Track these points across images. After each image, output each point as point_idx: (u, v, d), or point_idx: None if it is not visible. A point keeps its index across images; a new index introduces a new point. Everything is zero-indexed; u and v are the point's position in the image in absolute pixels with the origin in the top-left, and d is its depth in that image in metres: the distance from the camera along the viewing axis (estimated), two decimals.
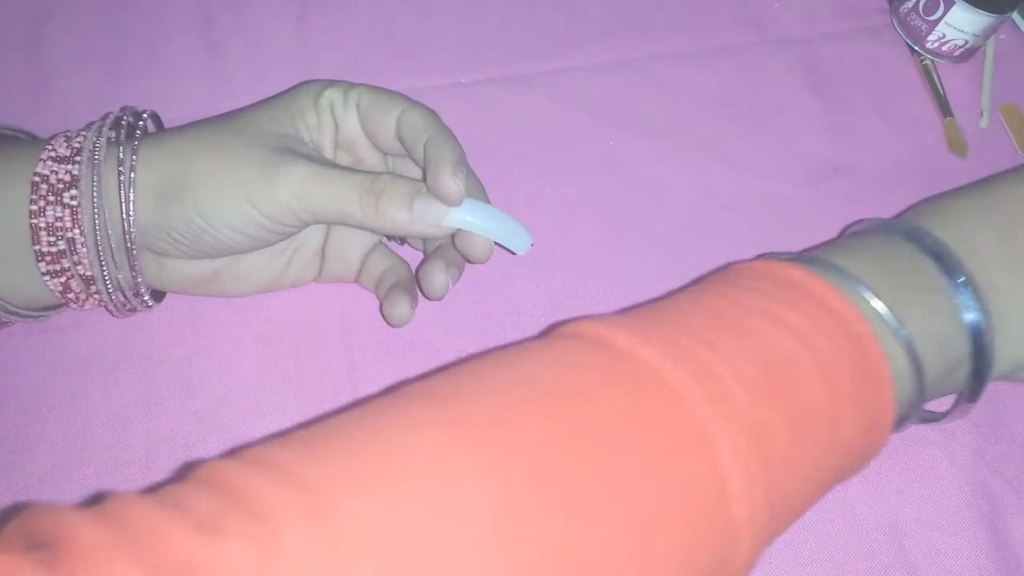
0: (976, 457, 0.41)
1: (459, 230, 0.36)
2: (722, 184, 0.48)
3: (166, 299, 0.42)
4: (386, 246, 0.42)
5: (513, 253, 0.37)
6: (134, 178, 0.34)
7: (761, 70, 0.53)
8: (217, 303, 0.42)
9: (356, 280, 0.42)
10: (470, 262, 0.38)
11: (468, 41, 0.52)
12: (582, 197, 0.47)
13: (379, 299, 0.40)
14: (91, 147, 0.35)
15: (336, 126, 0.38)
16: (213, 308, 0.42)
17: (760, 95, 0.52)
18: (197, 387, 0.40)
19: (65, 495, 0.37)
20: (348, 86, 0.38)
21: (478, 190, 0.39)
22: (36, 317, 0.38)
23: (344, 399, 0.40)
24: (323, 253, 0.41)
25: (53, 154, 0.35)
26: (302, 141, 0.37)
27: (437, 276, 0.37)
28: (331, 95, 0.37)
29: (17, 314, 0.37)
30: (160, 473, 0.38)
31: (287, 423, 0.40)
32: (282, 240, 0.37)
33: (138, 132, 0.36)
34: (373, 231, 0.37)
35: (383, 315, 0.39)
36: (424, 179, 0.35)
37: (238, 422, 0.40)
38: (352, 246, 0.41)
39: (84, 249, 0.35)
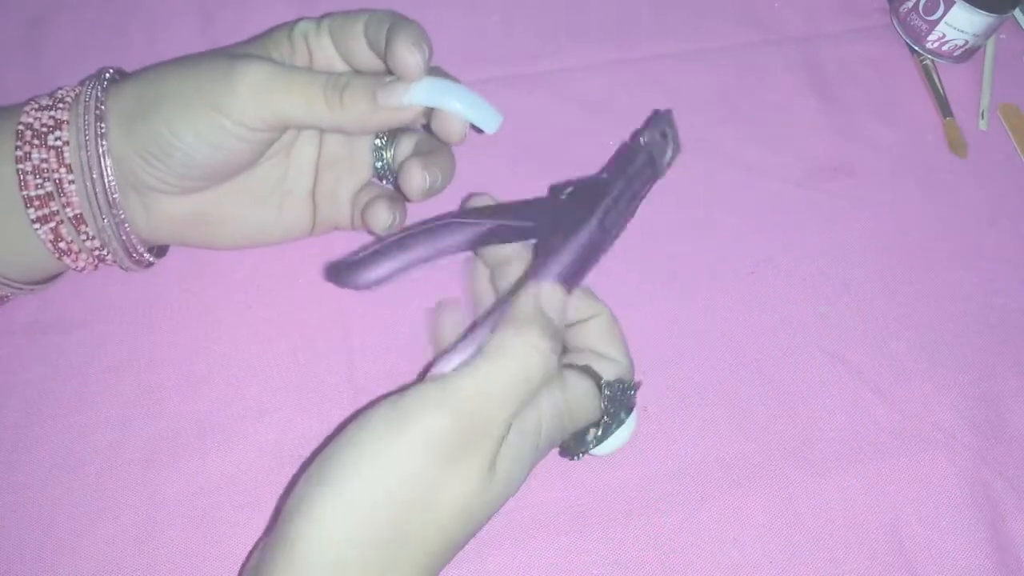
0: (976, 457, 0.41)
1: (434, 114, 0.35)
2: (722, 184, 0.48)
3: (166, 298, 0.42)
4: (376, 184, 0.41)
5: (481, 131, 0.35)
6: (105, 110, 0.35)
7: (761, 70, 0.53)
8: (218, 301, 0.42)
9: (352, 225, 0.41)
10: (447, 142, 0.37)
11: (468, 41, 0.52)
12: None
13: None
14: (74, 94, 0.36)
15: (310, 55, 0.37)
16: (214, 307, 0.42)
17: (760, 95, 0.52)
18: (197, 387, 0.40)
19: (65, 495, 0.38)
20: (320, 17, 0.38)
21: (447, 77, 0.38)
22: (32, 288, 0.39)
23: (344, 399, 0.40)
24: (313, 199, 0.41)
25: (36, 105, 0.36)
26: (271, 60, 0.36)
27: (414, 171, 0.36)
28: (304, 26, 0.37)
29: (10, 285, 0.37)
30: (160, 473, 0.38)
31: (287, 423, 0.40)
32: (256, 152, 0.36)
33: (108, 74, 0.37)
34: (340, 130, 0.36)
35: (367, 226, 0.39)
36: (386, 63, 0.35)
37: (238, 422, 0.40)
38: (341, 185, 0.40)
39: (72, 187, 0.35)
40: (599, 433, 0.35)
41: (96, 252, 0.37)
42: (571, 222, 0.33)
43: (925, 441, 0.41)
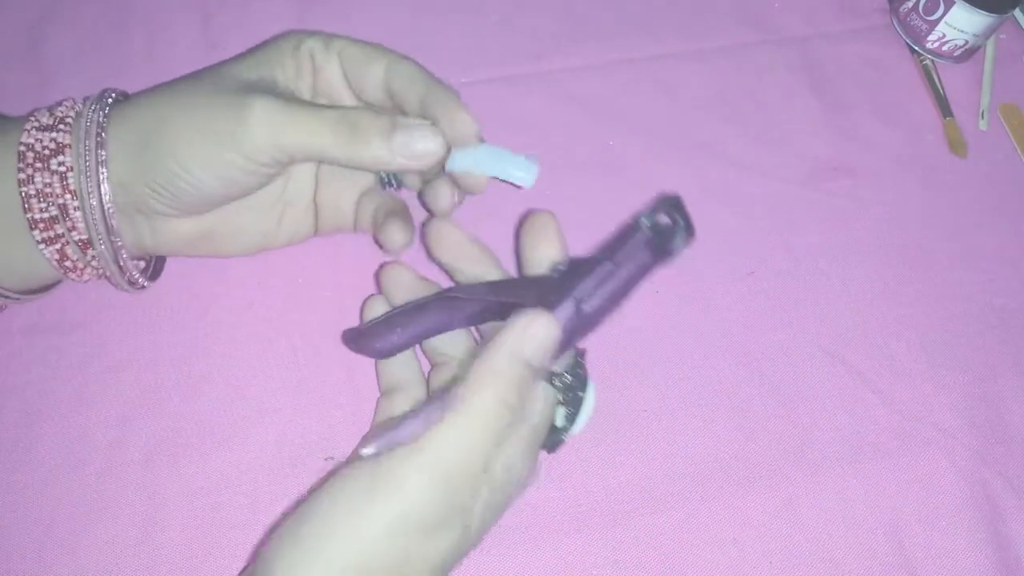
0: (976, 457, 0.41)
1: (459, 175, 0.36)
2: (722, 184, 0.48)
3: (166, 299, 0.42)
4: (379, 190, 0.41)
5: (518, 187, 0.36)
6: (106, 137, 0.34)
7: (761, 70, 0.53)
8: (218, 301, 0.42)
9: (354, 228, 0.41)
10: (471, 193, 0.37)
11: (468, 41, 0.52)
12: (582, 197, 0.47)
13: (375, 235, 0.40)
14: (75, 114, 0.35)
15: (315, 74, 0.37)
16: (213, 307, 0.42)
17: (760, 95, 0.52)
18: (197, 387, 0.40)
19: (65, 495, 0.37)
20: (329, 36, 0.37)
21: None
22: (30, 298, 0.39)
23: (344, 399, 0.40)
24: (315, 206, 0.41)
25: (36, 124, 0.35)
26: (276, 84, 0.36)
27: (442, 190, 0.37)
28: (311, 44, 0.37)
29: (7, 296, 0.37)
30: (160, 473, 0.38)
31: (287, 423, 0.40)
32: (263, 183, 0.36)
33: (111, 98, 0.36)
34: (351, 166, 0.36)
35: (379, 245, 0.39)
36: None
37: (238, 422, 0.40)
38: (344, 195, 0.40)
39: (78, 213, 0.35)
40: (567, 424, 0.34)
41: (101, 271, 0.37)
42: (551, 303, 0.31)
43: (925, 441, 0.41)
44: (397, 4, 0.53)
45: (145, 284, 0.40)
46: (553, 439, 0.35)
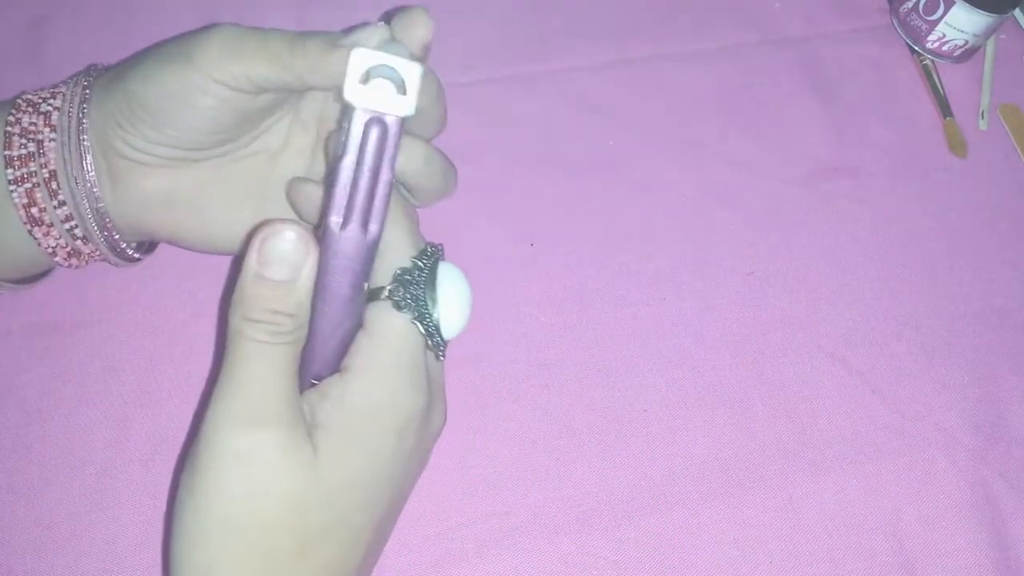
0: (976, 457, 0.41)
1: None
2: (722, 184, 0.48)
3: (166, 298, 0.42)
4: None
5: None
6: (92, 82, 0.36)
7: (761, 70, 0.53)
8: (218, 302, 0.42)
9: None
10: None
11: (468, 41, 0.52)
12: (582, 197, 0.47)
13: None
14: (76, 77, 0.37)
15: None
16: (214, 308, 0.42)
17: (760, 95, 0.52)
18: (197, 387, 0.40)
19: (65, 495, 0.38)
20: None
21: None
22: (16, 288, 0.39)
23: None
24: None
25: (39, 87, 0.37)
26: None
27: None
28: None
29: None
30: (160, 473, 0.38)
31: None
32: (225, 117, 0.35)
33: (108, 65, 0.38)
34: (301, 80, 0.34)
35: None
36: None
37: None
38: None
39: (52, 144, 0.35)
40: (424, 328, 0.31)
41: (69, 226, 0.36)
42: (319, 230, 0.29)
43: (925, 441, 0.41)
44: (397, 5, 0.53)
45: (129, 250, 0.38)
46: (432, 347, 0.32)
